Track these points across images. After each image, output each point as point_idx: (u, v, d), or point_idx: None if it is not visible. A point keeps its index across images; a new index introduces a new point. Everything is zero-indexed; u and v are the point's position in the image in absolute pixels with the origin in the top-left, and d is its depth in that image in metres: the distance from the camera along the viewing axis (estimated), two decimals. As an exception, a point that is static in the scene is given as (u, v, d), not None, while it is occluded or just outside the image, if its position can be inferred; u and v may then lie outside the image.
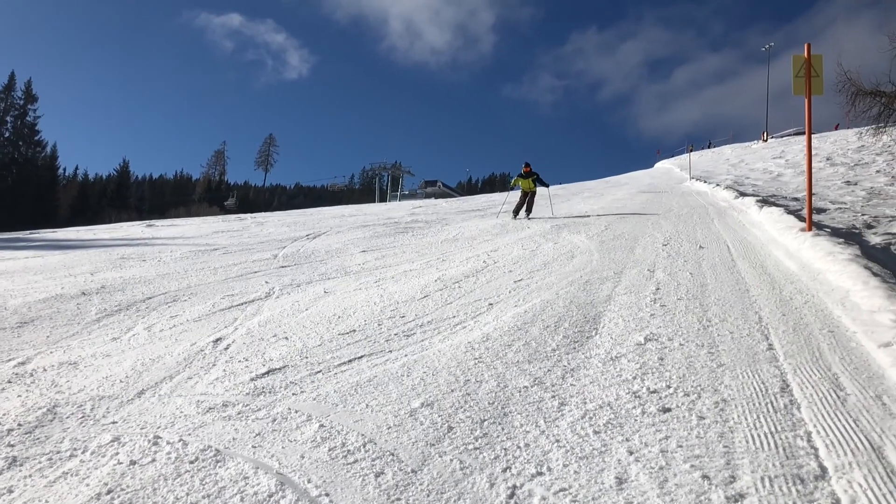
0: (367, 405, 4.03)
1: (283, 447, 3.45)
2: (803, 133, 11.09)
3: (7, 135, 59.56)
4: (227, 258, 12.25)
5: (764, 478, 2.79)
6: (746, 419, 3.44)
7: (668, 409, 3.63)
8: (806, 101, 10.02)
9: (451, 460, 3.18)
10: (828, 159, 25.75)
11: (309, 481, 3.02)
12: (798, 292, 6.53)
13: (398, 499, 2.82)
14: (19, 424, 3.96)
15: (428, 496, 2.83)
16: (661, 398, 3.82)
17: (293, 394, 4.36)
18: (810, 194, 10.48)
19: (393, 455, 3.27)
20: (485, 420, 3.67)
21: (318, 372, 4.81)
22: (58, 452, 3.53)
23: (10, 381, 4.93)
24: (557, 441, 3.33)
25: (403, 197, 63.92)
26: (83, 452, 3.51)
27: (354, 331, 5.98)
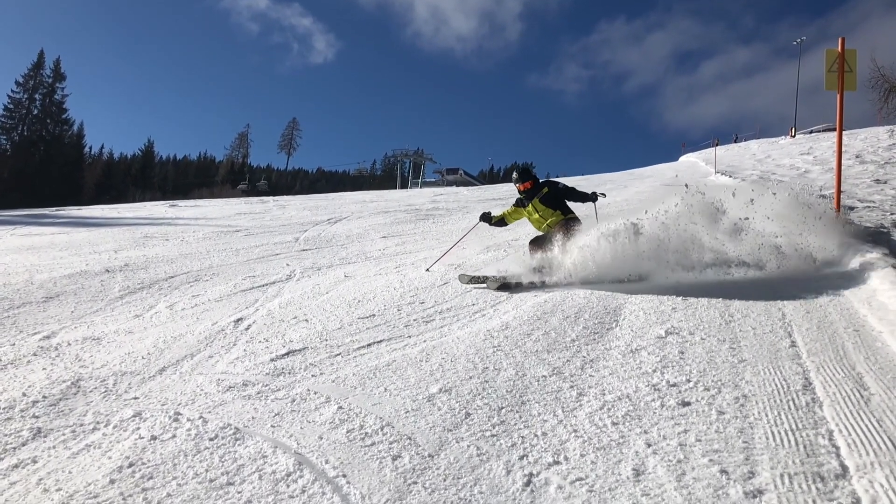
0: (385, 389, 4.05)
1: (301, 428, 3.48)
2: (833, 129, 10.85)
3: (35, 112, 60.29)
4: (249, 240, 12.34)
5: (784, 475, 2.77)
6: (767, 416, 3.40)
7: (688, 403, 3.61)
8: (838, 96, 9.84)
9: (469, 446, 3.18)
10: (857, 157, 25.29)
11: (327, 462, 3.04)
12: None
13: (415, 482, 2.84)
14: (44, 396, 4.03)
15: (444, 481, 2.84)
16: (680, 392, 3.79)
17: (312, 375, 4.39)
18: (839, 192, 10.31)
19: (410, 439, 3.29)
20: (502, 408, 3.66)
21: (338, 354, 4.84)
22: (81, 425, 3.59)
23: (35, 355, 5.02)
24: (575, 431, 3.32)
25: (424, 184, 63.81)
26: (105, 426, 3.57)
27: (374, 315, 6.00)
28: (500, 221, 8.58)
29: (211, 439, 3.33)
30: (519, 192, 8.24)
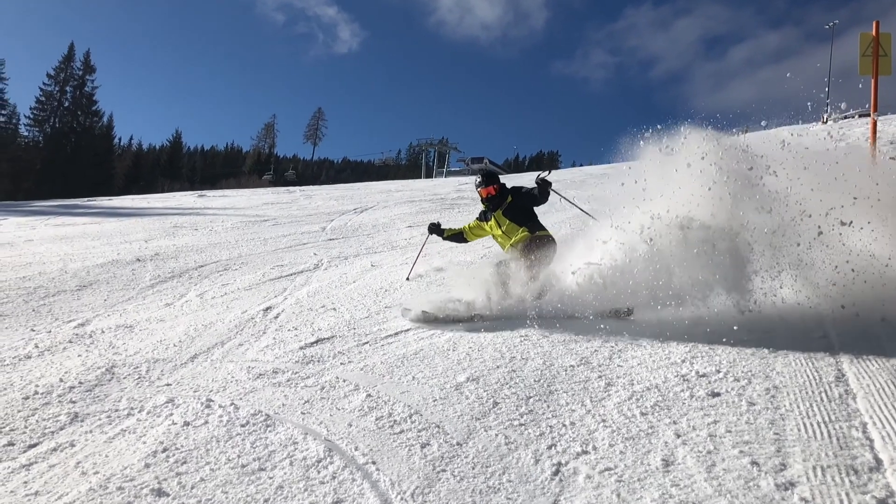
0: (413, 377, 4.08)
1: (331, 415, 3.52)
2: (867, 115, 10.61)
3: (66, 105, 61.26)
4: (277, 229, 12.46)
5: (816, 467, 2.74)
6: (799, 407, 3.36)
7: (718, 394, 3.58)
8: (872, 81, 9.62)
9: (497, 435, 3.19)
10: (892, 143, 24.79)
11: (356, 449, 3.07)
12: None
13: (443, 470, 2.85)
14: (80, 382, 4.12)
15: (473, 469, 2.86)
16: (710, 382, 3.76)
17: (341, 363, 4.43)
18: (872, 180, 10.09)
19: (438, 427, 3.31)
20: (530, 397, 3.67)
21: (366, 343, 4.88)
22: (116, 410, 3.66)
23: (70, 342, 5.13)
24: (603, 421, 3.31)
25: (449, 173, 63.68)
26: (139, 412, 3.64)
27: (401, 304, 6.03)
28: (457, 236, 6.79)
29: (242, 426, 3.38)
30: (482, 200, 6.46)
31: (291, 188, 29.92)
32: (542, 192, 6.06)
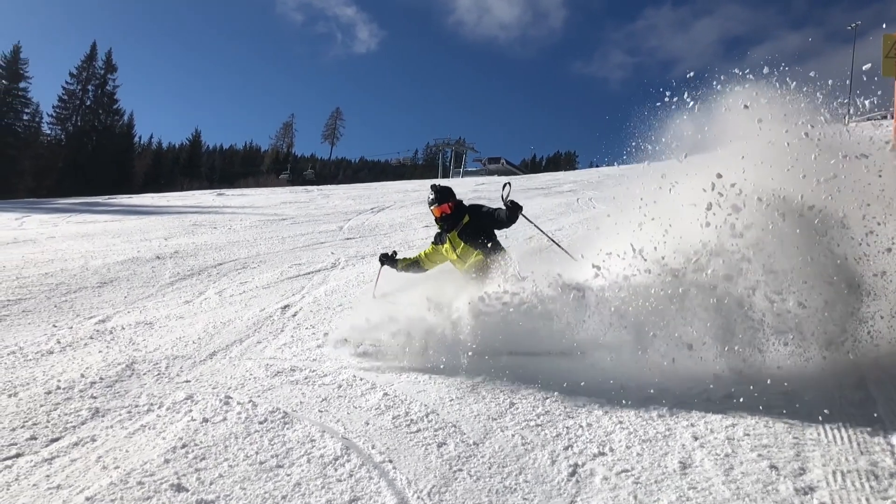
0: (429, 377, 4.08)
1: (348, 413, 3.53)
2: (889, 117, 10.50)
3: (88, 103, 61.91)
4: (295, 228, 12.52)
5: (836, 472, 2.71)
6: (818, 412, 3.33)
7: (735, 397, 3.55)
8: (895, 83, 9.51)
9: (513, 435, 3.20)
10: (915, 147, 24.47)
11: (373, 447, 3.09)
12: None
13: (460, 469, 2.86)
14: (101, 378, 4.17)
15: (489, 469, 2.86)
16: (726, 385, 3.73)
17: (358, 361, 4.45)
18: (895, 182, 9.96)
19: (455, 427, 3.31)
20: (547, 398, 3.66)
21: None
22: (136, 406, 3.70)
23: (91, 338, 5.20)
24: (620, 423, 3.30)
25: (466, 173, 63.65)
26: (159, 408, 3.68)
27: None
28: (414, 265, 5.83)
29: (260, 423, 3.41)
30: (436, 221, 5.62)
31: (309, 187, 30.07)
32: (511, 216, 5.14)
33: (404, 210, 15.69)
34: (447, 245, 5.52)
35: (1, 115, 51.52)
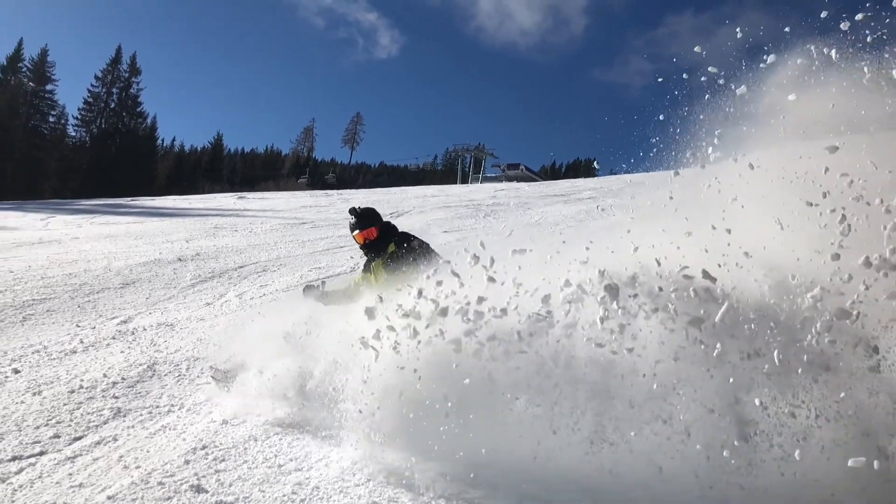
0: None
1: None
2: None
3: (112, 106, 62.72)
4: (315, 232, 12.59)
5: None
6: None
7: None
8: (923, 93, 9.37)
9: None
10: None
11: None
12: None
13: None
14: (123, 378, 4.22)
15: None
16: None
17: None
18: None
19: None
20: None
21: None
22: (157, 407, 3.75)
23: (114, 338, 5.26)
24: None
25: (485, 179, 63.55)
26: (180, 409, 3.72)
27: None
28: (345, 297, 4.75)
29: (280, 426, 3.42)
30: (360, 247, 4.83)
31: (329, 192, 30.23)
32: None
33: (423, 215, 15.71)
34: (371, 276, 4.67)
35: (28, 117, 52.35)
